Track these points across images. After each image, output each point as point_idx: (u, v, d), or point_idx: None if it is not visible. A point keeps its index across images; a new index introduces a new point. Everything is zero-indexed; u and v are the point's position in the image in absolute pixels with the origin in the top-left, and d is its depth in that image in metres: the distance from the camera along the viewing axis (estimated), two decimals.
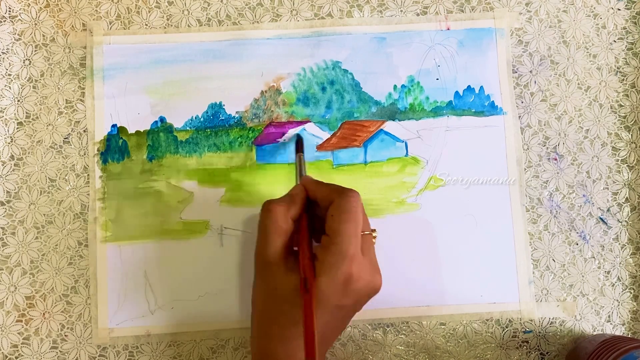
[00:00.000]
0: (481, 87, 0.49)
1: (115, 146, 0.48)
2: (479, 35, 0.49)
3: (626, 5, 0.50)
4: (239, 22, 0.49)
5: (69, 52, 0.49)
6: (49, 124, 0.48)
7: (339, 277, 0.36)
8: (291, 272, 0.37)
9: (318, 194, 0.39)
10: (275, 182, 0.47)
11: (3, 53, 0.49)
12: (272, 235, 0.38)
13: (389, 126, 0.48)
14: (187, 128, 0.48)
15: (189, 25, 0.49)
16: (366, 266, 0.37)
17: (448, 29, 0.49)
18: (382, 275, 0.39)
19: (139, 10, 0.49)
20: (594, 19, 0.50)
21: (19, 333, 0.46)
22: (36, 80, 0.48)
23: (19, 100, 0.48)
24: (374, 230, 0.40)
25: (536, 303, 0.47)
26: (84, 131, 0.48)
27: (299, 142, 0.46)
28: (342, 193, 0.38)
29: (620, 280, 0.48)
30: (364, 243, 0.38)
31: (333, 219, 0.37)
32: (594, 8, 0.50)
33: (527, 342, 0.47)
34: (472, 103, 0.49)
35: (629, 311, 0.47)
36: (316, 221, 0.40)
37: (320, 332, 0.37)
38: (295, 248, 0.39)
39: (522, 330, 0.47)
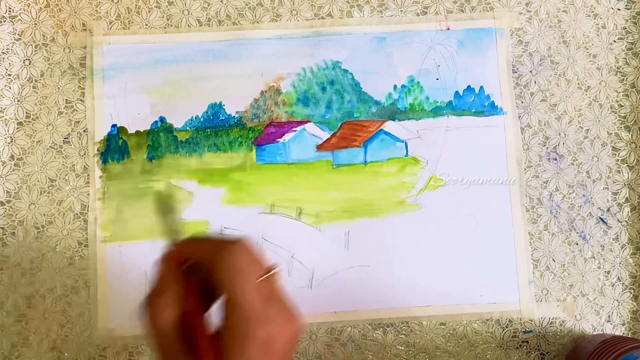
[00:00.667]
0: (481, 87, 0.49)
1: (115, 146, 0.48)
2: (479, 35, 0.49)
3: (626, 5, 0.50)
4: (239, 22, 0.49)
5: (69, 52, 0.49)
6: (49, 124, 0.48)
7: (254, 349, 0.31)
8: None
9: (197, 256, 0.33)
10: (275, 182, 0.47)
11: (3, 53, 0.49)
12: (160, 337, 0.32)
13: (389, 126, 0.48)
14: (187, 128, 0.48)
15: (189, 25, 0.49)
16: (278, 316, 0.32)
17: (448, 29, 0.49)
18: (301, 315, 0.33)
19: (139, 10, 0.49)
20: (594, 19, 0.50)
21: (19, 333, 0.46)
22: (36, 80, 0.48)
23: (19, 100, 0.48)
24: (273, 267, 0.33)
25: (536, 303, 0.47)
26: (84, 131, 0.48)
27: (162, 201, 0.34)
28: (221, 249, 0.31)
29: (620, 280, 0.48)
30: (266, 290, 0.32)
31: (221, 282, 0.31)
32: (594, 8, 0.50)
33: (527, 342, 0.47)
34: (472, 103, 0.49)
35: (629, 311, 0.47)
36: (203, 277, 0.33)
37: None
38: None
39: (522, 330, 0.47)
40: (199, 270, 0.33)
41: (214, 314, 0.33)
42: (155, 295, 0.33)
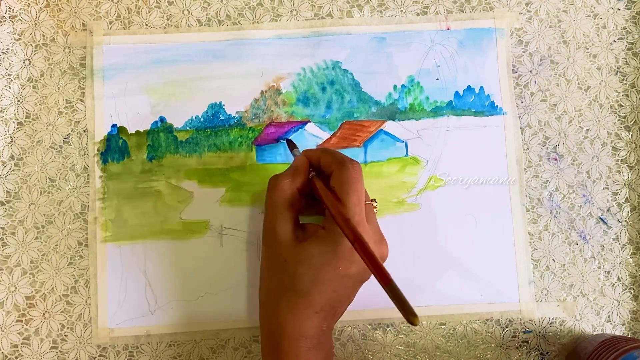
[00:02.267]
0: (481, 87, 0.49)
1: (115, 146, 0.48)
2: (479, 35, 0.49)
3: (626, 5, 0.50)
4: (239, 22, 0.49)
5: (69, 52, 0.49)
6: (49, 124, 0.48)
7: (345, 245, 0.36)
8: (300, 243, 0.38)
9: (321, 162, 0.40)
10: None
11: (3, 53, 0.49)
12: (280, 209, 0.39)
13: (389, 126, 0.48)
14: (187, 128, 0.48)
15: (189, 25, 0.49)
16: (371, 235, 0.38)
17: (448, 29, 0.49)
18: (388, 246, 0.40)
19: (139, 10, 0.49)
20: (594, 19, 0.50)
21: (19, 333, 0.46)
22: (36, 80, 0.48)
23: (19, 100, 0.48)
24: (374, 200, 0.41)
25: (536, 303, 0.47)
26: (84, 131, 0.48)
27: (289, 143, 0.46)
28: (342, 164, 0.38)
29: (620, 280, 0.48)
30: (367, 212, 0.38)
31: (335, 190, 0.38)
32: (594, 8, 0.50)
33: (527, 342, 0.47)
34: (472, 103, 0.49)
35: (629, 311, 0.47)
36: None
37: (329, 302, 0.38)
38: (302, 222, 0.41)
39: (522, 330, 0.47)
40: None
41: None
42: (287, 176, 0.40)
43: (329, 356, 0.40)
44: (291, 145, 0.46)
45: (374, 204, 0.41)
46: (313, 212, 0.43)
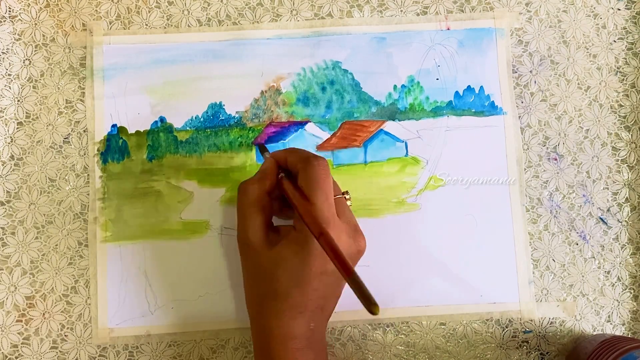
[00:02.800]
0: (481, 87, 0.49)
1: (115, 146, 0.48)
2: (479, 35, 0.49)
3: (626, 5, 0.50)
4: (239, 22, 0.49)
5: (69, 52, 0.49)
6: (49, 124, 0.48)
7: (316, 242, 0.36)
8: (274, 246, 0.38)
9: (287, 162, 0.40)
10: None
11: (3, 53, 0.49)
12: (250, 214, 0.39)
13: (389, 126, 0.48)
14: (187, 128, 0.48)
15: (189, 25, 0.49)
16: (344, 227, 0.38)
17: (448, 29, 0.49)
18: (365, 238, 0.39)
19: (139, 10, 0.49)
20: (594, 19, 0.50)
21: (19, 333, 0.46)
22: (36, 80, 0.48)
23: (19, 100, 0.48)
24: (346, 192, 0.40)
25: (536, 303, 0.47)
26: (84, 131, 0.48)
27: (261, 148, 0.46)
28: (307, 162, 0.38)
29: (620, 280, 0.48)
30: (338, 207, 0.38)
31: (302, 189, 0.37)
32: (594, 8, 0.50)
33: (527, 342, 0.47)
34: (472, 103, 0.49)
35: (629, 311, 0.47)
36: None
37: (312, 301, 0.38)
38: (276, 224, 0.41)
39: (522, 330, 0.47)
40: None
41: None
42: (255, 180, 0.40)
43: (322, 354, 0.40)
44: (262, 149, 0.46)
45: (347, 197, 0.40)
46: (289, 214, 0.43)
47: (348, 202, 0.40)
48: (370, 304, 0.30)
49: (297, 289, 0.37)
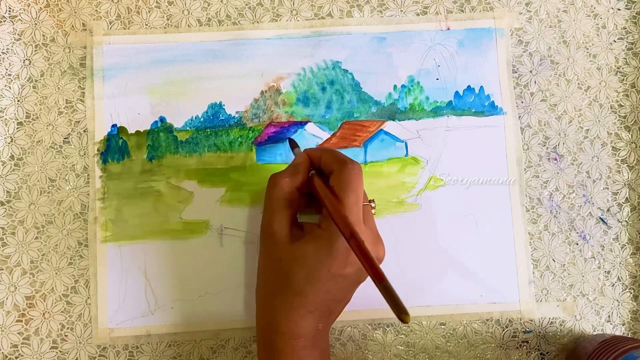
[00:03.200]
0: (481, 87, 0.49)
1: (115, 146, 0.48)
2: (479, 35, 0.49)
3: (626, 5, 0.50)
4: (239, 22, 0.49)
5: (69, 52, 0.49)
6: (49, 124, 0.48)
7: (340, 244, 0.36)
8: (296, 242, 0.38)
9: (321, 161, 0.40)
10: None
11: (3, 53, 0.49)
12: (278, 207, 0.39)
13: (389, 126, 0.48)
14: (187, 128, 0.48)
15: (189, 25, 0.49)
16: (368, 235, 0.38)
17: (448, 29, 0.49)
18: (385, 248, 0.40)
19: (139, 10, 0.49)
20: (594, 19, 0.50)
21: (19, 333, 0.46)
22: (36, 80, 0.48)
23: (19, 100, 0.48)
24: (372, 200, 0.41)
25: (536, 303, 0.47)
26: (84, 131, 0.48)
27: (291, 143, 0.46)
28: (342, 164, 0.38)
29: (620, 280, 0.48)
30: (365, 213, 0.38)
31: (334, 189, 0.37)
32: (594, 8, 0.50)
33: (527, 342, 0.47)
34: (472, 103, 0.49)
35: (629, 311, 0.47)
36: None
37: (324, 302, 0.38)
38: (300, 220, 0.42)
39: (522, 330, 0.47)
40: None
41: None
42: (287, 174, 0.40)
43: (325, 355, 0.40)
44: (293, 145, 0.46)
45: (372, 205, 0.41)
46: (313, 211, 0.43)
47: (373, 211, 0.41)
48: (401, 312, 0.30)
49: (311, 288, 0.37)
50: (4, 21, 0.49)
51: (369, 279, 0.34)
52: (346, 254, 0.37)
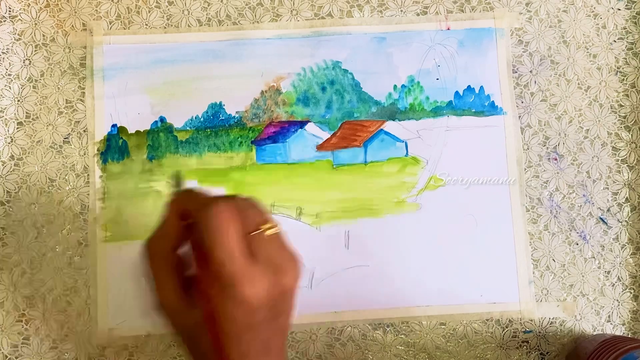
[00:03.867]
0: (481, 87, 0.49)
1: (115, 146, 0.48)
2: (479, 35, 0.49)
3: (626, 5, 0.50)
4: (239, 22, 0.49)
5: (69, 52, 0.49)
6: (49, 124, 0.48)
7: (232, 304, 0.31)
8: (191, 307, 0.34)
9: (190, 209, 0.34)
10: (275, 182, 0.47)
11: (3, 53, 0.49)
12: (157, 277, 0.34)
13: (389, 126, 0.48)
14: (187, 128, 0.48)
15: (189, 25, 0.49)
16: (258, 273, 0.32)
17: (448, 29, 0.49)
18: (296, 270, 0.33)
19: (139, 10, 0.49)
20: (594, 19, 0.50)
21: (19, 333, 0.46)
22: (36, 80, 0.48)
23: (19, 100, 0.48)
24: (269, 222, 0.33)
25: (536, 303, 0.47)
26: (84, 131, 0.48)
27: (176, 177, 0.38)
28: (204, 209, 0.32)
29: (620, 280, 0.48)
30: (253, 245, 0.32)
31: (203, 242, 0.31)
32: (594, 8, 0.50)
33: (527, 342, 0.47)
34: (472, 103, 0.49)
35: (629, 311, 0.47)
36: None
37: (255, 349, 0.33)
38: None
39: (522, 330, 0.47)
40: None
41: None
42: (156, 236, 0.34)
43: None
44: (176, 181, 0.37)
45: (266, 227, 0.33)
46: None
47: (272, 231, 0.33)
48: None
49: (236, 347, 0.32)
50: (4, 21, 0.49)
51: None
52: (242, 305, 0.31)
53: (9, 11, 0.49)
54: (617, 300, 0.47)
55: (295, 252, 0.34)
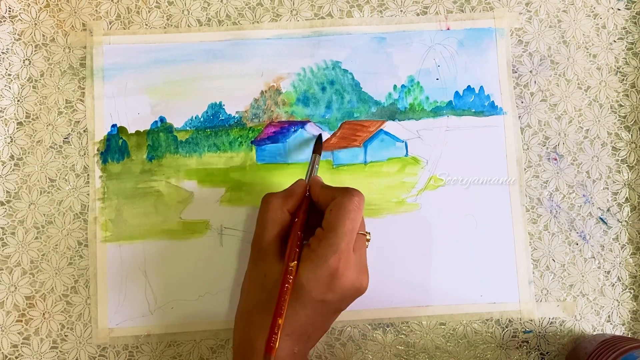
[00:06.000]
0: (481, 87, 0.49)
1: (115, 146, 0.48)
2: (479, 35, 0.49)
3: (626, 5, 0.50)
4: (239, 22, 0.49)
5: (69, 52, 0.49)
6: (49, 124, 0.48)
7: (324, 269, 0.36)
8: (282, 261, 0.38)
9: (321, 197, 0.40)
10: (275, 182, 0.47)
11: (3, 53, 0.49)
12: (268, 224, 0.39)
13: (389, 126, 0.48)
14: (187, 128, 0.48)
15: (189, 25, 0.49)
16: (354, 265, 0.38)
17: (448, 29, 0.49)
18: (369, 278, 0.39)
19: (139, 10, 0.49)
20: (594, 19, 0.50)
21: (19, 333, 0.46)
22: (36, 80, 0.48)
23: (19, 100, 0.48)
24: (369, 233, 0.40)
25: (536, 303, 0.47)
26: (84, 131, 0.48)
27: (318, 141, 0.46)
28: (346, 191, 0.38)
29: (620, 280, 0.48)
30: (357, 242, 0.38)
31: (331, 214, 0.37)
32: (594, 8, 0.50)
33: (527, 342, 0.47)
34: (472, 103, 0.49)
35: (629, 311, 0.47)
36: (314, 219, 0.41)
37: (302, 326, 0.37)
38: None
39: (522, 330, 0.47)
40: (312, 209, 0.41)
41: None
42: (280, 195, 0.40)
43: None
44: (318, 146, 0.45)
45: (367, 237, 0.40)
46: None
47: (367, 243, 0.40)
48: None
49: (290, 310, 0.37)
50: (4, 21, 0.49)
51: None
52: (329, 280, 0.36)
53: (9, 11, 0.49)
54: (617, 300, 0.47)
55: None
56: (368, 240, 0.40)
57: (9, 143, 0.48)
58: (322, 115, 0.48)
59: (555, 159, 0.49)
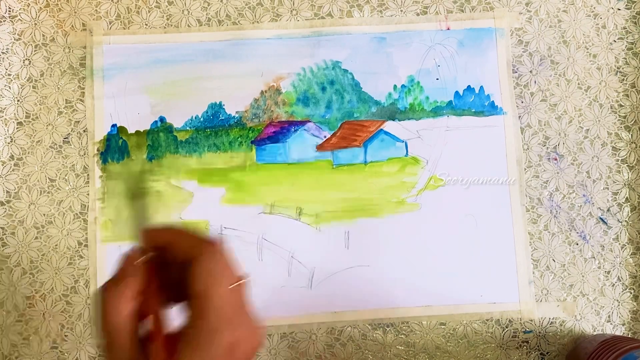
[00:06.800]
0: (481, 87, 0.49)
1: (115, 146, 0.48)
2: (479, 35, 0.49)
3: (626, 5, 0.50)
4: (239, 22, 0.49)
5: (69, 52, 0.49)
6: (49, 124, 0.48)
7: (219, 353, 0.30)
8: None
9: (174, 246, 0.32)
10: (275, 182, 0.47)
11: (3, 53, 0.49)
12: (111, 335, 0.30)
13: (389, 126, 0.48)
14: (187, 128, 0.48)
15: (189, 25, 0.49)
16: (245, 325, 0.31)
17: (448, 29, 0.49)
18: (260, 326, 0.32)
19: (139, 10, 0.49)
20: (594, 19, 0.50)
21: (19, 333, 0.46)
22: (36, 80, 0.48)
23: (19, 100, 0.48)
24: (244, 275, 0.32)
25: (536, 303, 0.47)
26: (84, 131, 0.48)
27: (140, 180, 0.39)
28: (201, 249, 0.31)
29: (620, 280, 0.47)
30: (235, 297, 0.31)
31: (196, 283, 0.30)
32: (594, 8, 0.50)
33: (527, 342, 0.47)
34: (472, 103, 0.49)
35: (629, 311, 0.47)
36: (166, 273, 0.32)
37: None
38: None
39: (522, 330, 0.47)
40: (162, 265, 0.32)
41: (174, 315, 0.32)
42: (113, 284, 0.30)
43: None
44: (136, 193, 0.35)
45: (244, 280, 0.32)
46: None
47: (247, 286, 0.32)
48: None
49: None
50: (4, 21, 0.49)
51: None
52: (228, 357, 0.30)
53: (9, 11, 0.49)
54: (617, 300, 0.47)
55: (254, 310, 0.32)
56: (246, 283, 0.32)
57: (9, 143, 0.48)
58: (322, 115, 0.48)
59: (556, 159, 0.49)
